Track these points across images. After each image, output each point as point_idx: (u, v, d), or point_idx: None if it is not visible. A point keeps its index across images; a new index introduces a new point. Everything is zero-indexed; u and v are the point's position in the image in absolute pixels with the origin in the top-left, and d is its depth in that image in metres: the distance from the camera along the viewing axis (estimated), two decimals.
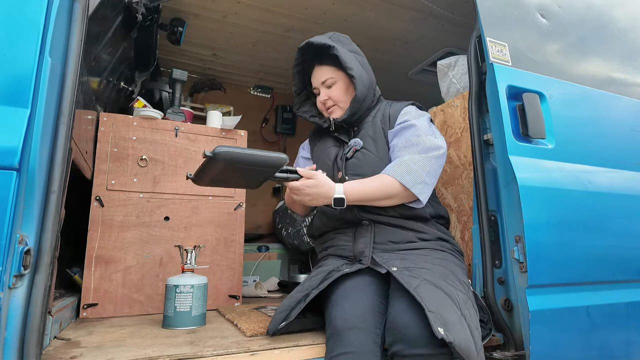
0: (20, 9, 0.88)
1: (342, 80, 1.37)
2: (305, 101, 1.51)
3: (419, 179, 1.20)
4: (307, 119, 1.47)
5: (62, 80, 0.92)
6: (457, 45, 2.33)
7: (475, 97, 1.34)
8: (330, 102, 1.38)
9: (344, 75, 1.37)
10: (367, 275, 1.19)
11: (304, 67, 1.45)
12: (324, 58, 1.38)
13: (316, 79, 1.40)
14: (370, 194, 1.20)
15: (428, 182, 1.23)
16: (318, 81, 1.39)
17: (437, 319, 0.90)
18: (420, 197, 1.21)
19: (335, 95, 1.37)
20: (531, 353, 1.12)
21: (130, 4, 1.53)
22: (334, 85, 1.37)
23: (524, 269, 1.16)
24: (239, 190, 1.75)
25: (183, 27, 2.06)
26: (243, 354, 0.99)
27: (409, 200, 1.24)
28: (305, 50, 1.40)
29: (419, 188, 1.20)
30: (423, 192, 1.22)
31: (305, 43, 1.37)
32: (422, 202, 1.24)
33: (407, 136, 1.27)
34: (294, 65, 1.44)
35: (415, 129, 1.28)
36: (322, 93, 1.39)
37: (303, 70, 1.46)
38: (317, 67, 1.40)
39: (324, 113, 1.43)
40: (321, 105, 1.41)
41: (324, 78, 1.37)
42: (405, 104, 1.38)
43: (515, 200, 1.19)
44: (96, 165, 1.52)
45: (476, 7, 1.38)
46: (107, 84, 1.67)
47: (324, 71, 1.38)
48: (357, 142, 1.35)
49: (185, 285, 1.27)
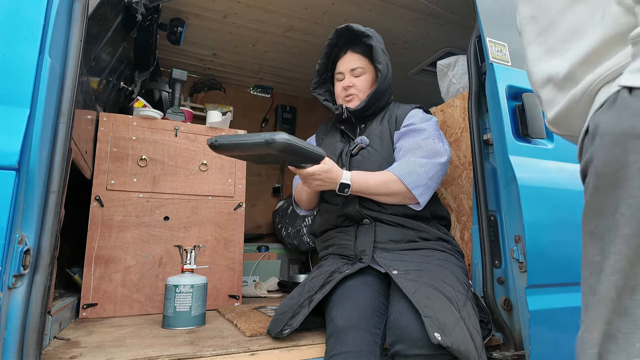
0: (19, 8, 0.88)
1: (370, 73, 1.41)
2: (322, 85, 1.52)
3: (421, 182, 1.22)
4: (321, 101, 1.48)
5: (62, 80, 0.92)
6: (457, 45, 2.33)
7: (475, 97, 1.34)
8: (353, 89, 1.39)
9: (372, 69, 1.40)
10: (368, 275, 1.19)
11: (333, 51, 1.47)
12: (358, 46, 1.40)
13: (346, 64, 1.41)
14: (373, 187, 1.22)
15: (430, 186, 1.24)
16: (347, 67, 1.40)
17: (434, 324, 0.91)
18: (419, 199, 1.23)
19: (359, 85, 1.39)
20: (531, 353, 1.12)
21: (130, 4, 1.53)
22: (362, 76, 1.39)
23: (524, 268, 1.16)
24: (238, 190, 1.75)
25: (183, 27, 2.06)
26: (243, 354, 0.99)
27: (408, 202, 1.25)
28: (342, 33, 1.41)
29: (420, 190, 1.22)
30: (423, 195, 1.23)
31: (345, 25, 1.39)
32: (421, 205, 1.25)
33: (414, 139, 1.29)
34: (325, 44, 1.45)
35: (423, 133, 1.29)
36: (347, 79, 1.40)
37: (330, 54, 1.47)
38: (350, 53, 1.41)
39: (339, 100, 1.43)
40: (341, 91, 1.42)
41: (355, 66, 1.39)
42: (412, 107, 1.41)
43: (515, 200, 1.19)
44: (96, 165, 1.52)
45: (476, 7, 1.38)
46: (107, 83, 1.67)
47: (356, 59, 1.40)
48: (363, 139, 1.36)
49: (185, 285, 1.27)
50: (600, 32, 0.63)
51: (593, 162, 0.60)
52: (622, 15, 0.60)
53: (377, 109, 1.41)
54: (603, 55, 0.63)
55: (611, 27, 0.62)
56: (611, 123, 0.57)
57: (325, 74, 1.51)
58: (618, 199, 0.55)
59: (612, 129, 0.57)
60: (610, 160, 0.57)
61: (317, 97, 1.50)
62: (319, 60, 1.48)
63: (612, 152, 0.56)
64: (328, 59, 1.48)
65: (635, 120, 0.54)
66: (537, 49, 0.76)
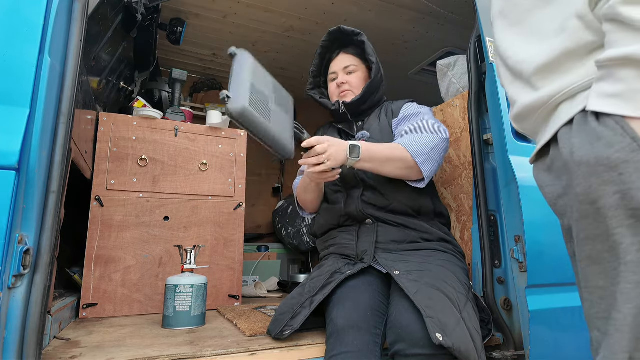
0: (19, 8, 0.88)
1: (362, 70, 1.46)
2: (316, 88, 1.56)
3: (424, 151, 1.23)
4: (317, 99, 1.50)
5: (62, 80, 0.92)
6: (456, 45, 2.33)
7: (475, 97, 1.34)
8: (346, 86, 1.43)
9: (364, 68, 1.46)
10: (369, 275, 1.19)
11: (325, 54, 1.52)
12: (349, 47, 1.47)
13: (338, 64, 1.46)
14: (380, 150, 1.21)
15: (432, 157, 1.24)
16: (340, 66, 1.45)
17: (435, 324, 0.91)
18: (422, 167, 1.22)
19: (353, 81, 1.44)
20: (530, 353, 1.12)
21: (130, 4, 1.53)
22: (354, 73, 1.44)
23: (524, 268, 1.16)
24: (238, 190, 1.75)
25: (183, 27, 2.06)
26: (243, 354, 0.99)
27: (412, 173, 1.24)
28: (334, 36, 1.47)
29: (423, 159, 1.22)
30: (425, 164, 1.23)
31: (337, 28, 1.46)
32: (425, 179, 1.25)
33: (412, 121, 1.33)
34: (319, 46, 1.51)
35: (421, 115, 1.34)
36: (341, 77, 1.45)
37: (324, 57, 1.53)
38: (342, 54, 1.47)
39: (334, 98, 1.47)
40: (335, 89, 1.45)
41: (347, 64, 1.44)
42: (406, 101, 1.46)
43: (515, 200, 1.19)
44: (96, 165, 1.52)
45: (476, 7, 1.38)
46: (107, 83, 1.67)
47: (348, 58, 1.46)
48: (364, 134, 1.39)
49: (185, 285, 1.27)
50: (560, 44, 0.63)
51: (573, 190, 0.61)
52: (581, 30, 0.61)
53: (373, 103, 1.45)
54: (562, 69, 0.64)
55: (571, 41, 0.62)
56: (585, 153, 0.58)
57: (319, 77, 1.55)
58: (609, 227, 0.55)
59: (587, 159, 0.57)
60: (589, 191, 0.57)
61: (312, 96, 1.53)
62: (313, 61, 1.53)
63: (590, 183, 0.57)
64: (322, 60, 1.53)
65: (609, 151, 0.55)
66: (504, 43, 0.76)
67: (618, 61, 0.54)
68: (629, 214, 0.54)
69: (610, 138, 0.55)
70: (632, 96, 0.54)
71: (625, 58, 0.53)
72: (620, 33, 0.54)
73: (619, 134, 0.54)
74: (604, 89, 0.56)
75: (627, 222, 0.54)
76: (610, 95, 0.55)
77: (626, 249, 0.54)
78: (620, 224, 0.54)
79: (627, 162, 0.53)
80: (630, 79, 0.54)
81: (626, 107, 0.54)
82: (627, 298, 0.54)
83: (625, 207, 0.54)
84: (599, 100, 0.57)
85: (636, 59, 0.53)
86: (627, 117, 0.54)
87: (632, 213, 0.53)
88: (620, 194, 0.54)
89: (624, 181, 0.54)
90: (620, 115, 0.55)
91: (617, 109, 0.55)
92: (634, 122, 0.54)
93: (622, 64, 0.54)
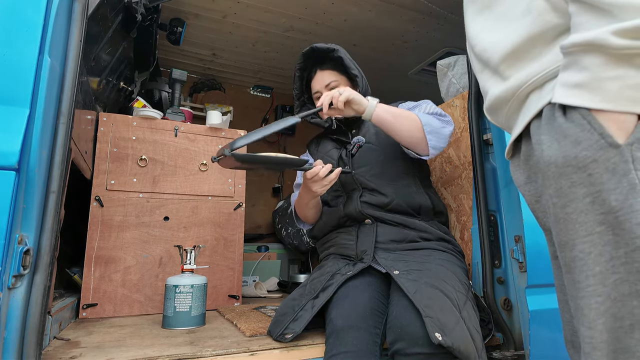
0: (19, 8, 0.88)
1: (344, 83, 1.42)
2: (304, 106, 1.53)
3: (432, 124, 1.23)
4: (310, 121, 1.48)
5: (62, 80, 0.92)
6: (456, 45, 2.33)
7: (474, 97, 1.34)
8: None
9: (345, 79, 1.42)
10: (368, 275, 1.19)
11: (304, 74, 1.49)
12: (326, 63, 1.42)
13: (319, 82, 1.42)
14: (395, 110, 1.22)
15: (439, 132, 1.24)
16: (321, 84, 1.41)
17: (435, 324, 0.91)
18: (428, 136, 1.21)
19: None
20: (531, 353, 1.12)
21: (130, 4, 1.53)
22: (337, 87, 1.39)
23: (524, 268, 1.16)
24: (238, 190, 1.75)
25: (183, 27, 2.06)
26: (243, 354, 0.99)
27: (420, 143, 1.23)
28: (308, 56, 1.44)
29: (429, 128, 1.22)
30: (432, 134, 1.22)
31: (310, 48, 1.42)
32: (429, 153, 1.24)
33: (417, 109, 1.32)
34: (295, 69, 1.47)
35: (425, 103, 1.33)
36: None
37: (302, 77, 1.50)
38: (320, 72, 1.42)
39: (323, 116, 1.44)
40: None
41: (328, 81, 1.40)
42: (399, 102, 1.44)
43: (515, 200, 1.19)
44: (96, 165, 1.52)
45: None
46: (107, 84, 1.67)
47: (326, 75, 1.41)
48: (360, 139, 1.37)
49: (185, 285, 1.27)
50: (525, 28, 0.58)
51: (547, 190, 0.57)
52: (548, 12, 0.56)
53: None
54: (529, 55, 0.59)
55: (536, 24, 0.57)
56: (553, 152, 0.54)
57: (302, 97, 1.53)
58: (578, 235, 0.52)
59: (555, 159, 0.53)
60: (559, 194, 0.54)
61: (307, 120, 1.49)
62: (294, 85, 1.50)
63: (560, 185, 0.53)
64: (302, 82, 1.50)
65: (576, 149, 0.51)
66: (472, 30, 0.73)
67: (582, 47, 0.49)
68: (599, 220, 0.50)
69: (577, 135, 0.51)
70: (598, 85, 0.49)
71: (589, 43, 0.48)
72: (585, 15, 0.49)
73: (586, 130, 0.50)
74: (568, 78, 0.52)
75: (597, 229, 0.50)
76: (575, 85, 0.51)
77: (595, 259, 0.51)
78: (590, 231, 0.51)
79: (596, 161, 0.49)
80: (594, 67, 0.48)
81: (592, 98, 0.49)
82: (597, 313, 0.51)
83: (595, 212, 0.50)
84: (564, 90, 0.52)
85: (600, 44, 0.47)
86: (593, 110, 0.50)
87: (602, 219, 0.50)
88: (590, 197, 0.50)
89: (593, 182, 0.50)
90: (586, 108, 0.50)
91: (583, 101, 0.50)
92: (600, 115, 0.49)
93: (585, 50, 0.49)
